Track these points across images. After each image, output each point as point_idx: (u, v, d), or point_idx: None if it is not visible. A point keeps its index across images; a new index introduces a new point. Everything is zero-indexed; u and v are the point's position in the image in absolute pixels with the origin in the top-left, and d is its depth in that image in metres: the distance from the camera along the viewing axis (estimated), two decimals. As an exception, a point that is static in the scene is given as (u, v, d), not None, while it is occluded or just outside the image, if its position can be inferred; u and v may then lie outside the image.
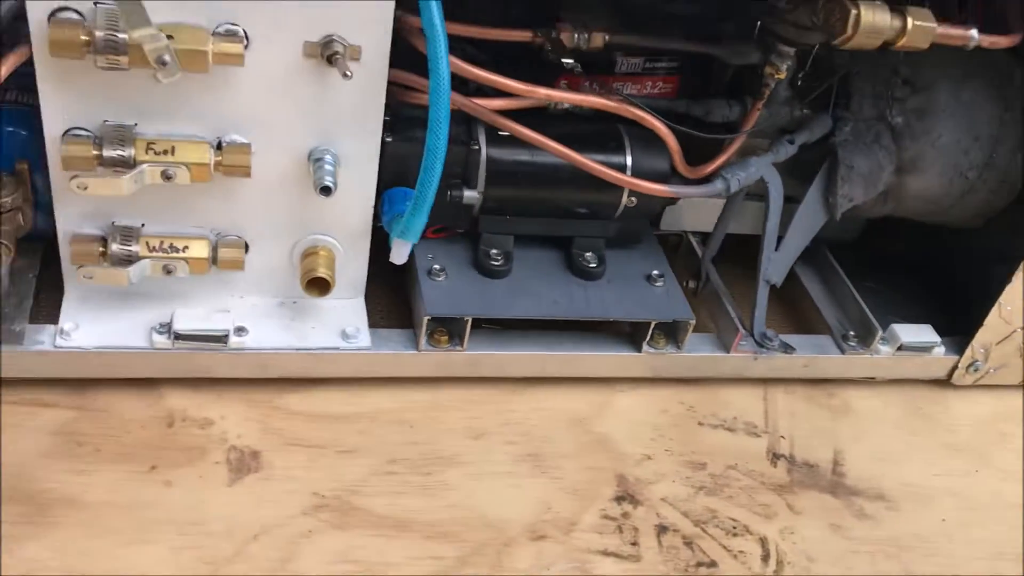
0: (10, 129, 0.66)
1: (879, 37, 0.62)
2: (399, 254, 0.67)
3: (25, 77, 0.60)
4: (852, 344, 0.82)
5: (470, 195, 0.72)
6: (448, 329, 0.73)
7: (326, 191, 0.64)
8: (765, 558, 0.69)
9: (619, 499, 0.71)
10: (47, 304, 0.70)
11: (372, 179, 0.68)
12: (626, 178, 0.70)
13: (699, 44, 0.75)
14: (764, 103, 0.75)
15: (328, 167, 0.65)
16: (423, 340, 0.72)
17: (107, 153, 0.61)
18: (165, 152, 0.62)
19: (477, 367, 0.74)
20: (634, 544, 0.68)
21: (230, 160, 0.63)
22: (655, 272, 0.78)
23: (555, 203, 0.75)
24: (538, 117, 0.72)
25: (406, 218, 0.64)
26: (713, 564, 0.68)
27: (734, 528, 0.71)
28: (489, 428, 0.74)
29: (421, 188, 0.62)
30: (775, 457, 0.77)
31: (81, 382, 0.69)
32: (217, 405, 0.70)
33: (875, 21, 0.61)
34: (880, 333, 0.81)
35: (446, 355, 0.73)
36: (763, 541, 0.70)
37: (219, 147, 0.63)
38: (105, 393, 0.69)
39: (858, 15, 0.61)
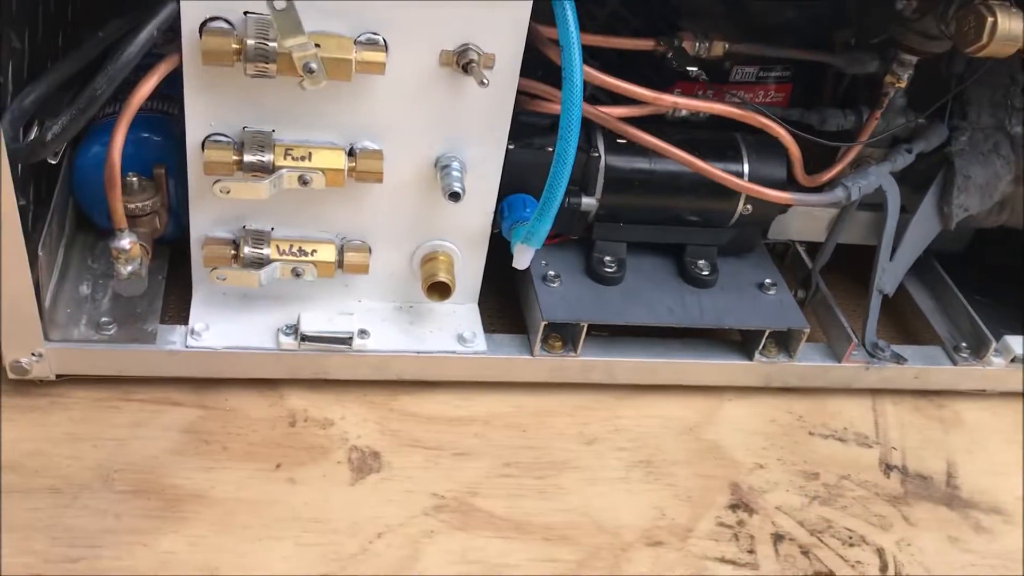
0: (148, 135, 0.68)
1: (1014, 45, 0.61)
2: (522, 259, 0.67)
3: (162, 84, 0.62)
4: (964, 356, 0.81)
5: (587, 202, 0.73)
6: (561, 335, 0.74)
7: (455, 197, 0.65)
8: (883, 569, 0.69)
9: (733, 507, 0.71)
10: (175, 305, 0.72)
11: (495, 186, 0.69)
12: (748, 185, 0.70)
13: (817, 53, 0.74)
14: (882, 112, 0.74)
15: (456, 173, 0.66)
16: (537, 345, 0.73)
17: (247, 158, 0.62)
18: (303, 158, 0.63)
19: (589, 373, 0.75)
20: (751, 552, 0.68)
21: (364, 167, 0.64)
22: (767, 280, 0.78)
23: (670, 211, 0.75)
24: (655, 125, 0.72)
25: (531, 224, 0.65)
26: (831, 574, 0.67)
27: (850, 538, 0.70)
28: (600, 434, 0.74)
29: (548, 194, 0.63)
30: (888, 468, 0.76)
31: (206, 381, 0.70)
32: (337, 406, 0.72)
33: (1011, 28, 0.61)
34: (994, 344, 0.80)
35: (560, 360, 0.73)
36: (880, 552, 0.70)
37: (351, 153, 0.65)
38: (230, 392, 0.71)
39: (995, 22, 0.60)
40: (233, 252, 0.67)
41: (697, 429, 0.76)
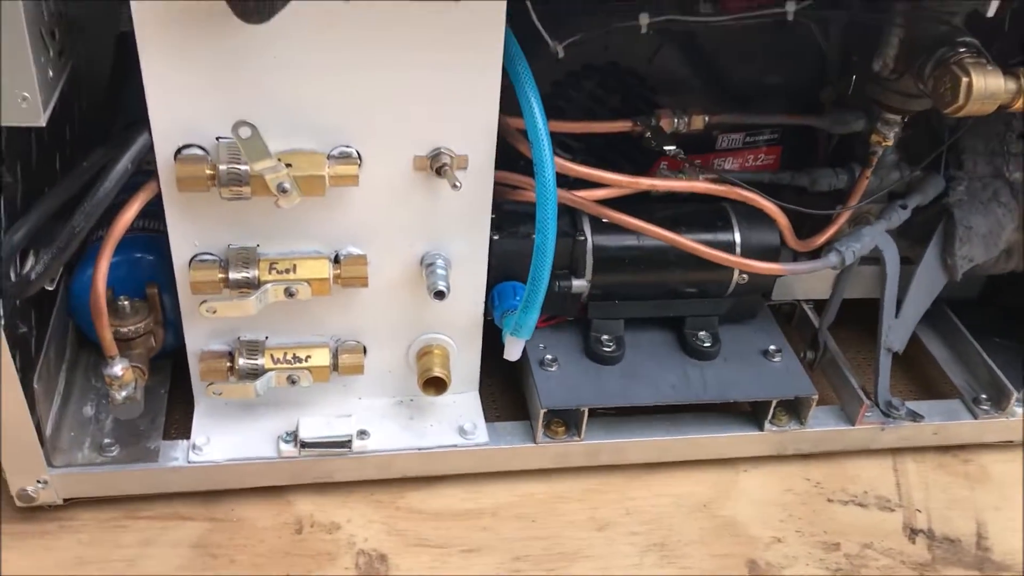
0: (139, 255, 0.70)
1: (993, 102, 0.60)
2: (513, 351, 0.67)
3: (149, 203, 0.63)
4: (985, 408, 0.78)
5: (578, 284, 0.72)
6: (564, 419, 0.73)
7: (440, 296, 0.65)
8: (913, 645, 0.66)
9: (752, 587, 0.69)
10: (180, 417, 0.72)
11: (482, 277, 0.69)
12: (737, 259, 0.70)
13: (800, 116, 0.74)
14: (872, 170, 0.73)
15: (440, 271, 0.66)
16: (540, 432, 0.72)
17: (233, 276, 0.63)
18: (287, 271, 0.64)
19: (596, 456, 0.74)
20: (772, 635, 0.66)
21: (348, 272, 0.65)
22: (772, 347, 0.76)
23: (664, 285, 0.75)
24: (641, 200, 0.72)
25: (518, 316, 0.65)
26: (857, 654, 0.65)
27: (876, 613, 0.68)
28: (612, 518, 0.73)
29: (532, 286, 0.63)
30: (913, 533, 0.74)
31: (212, 493, 0.71)
32: (343, 508, 0.71)
33: (988, 87, 0.59)
34: (1016, 395, 0.77)
35: (564, 446, 0.73)
36: (909, 626, 0.67)
37: (336, 260, 0.65)
38: (236, 503, 0.71)
39: (970, 83, 0.59)
40: (229, 364, 0.68)
41: (711, 505, 0.74)
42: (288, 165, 0.59)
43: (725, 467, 0.77)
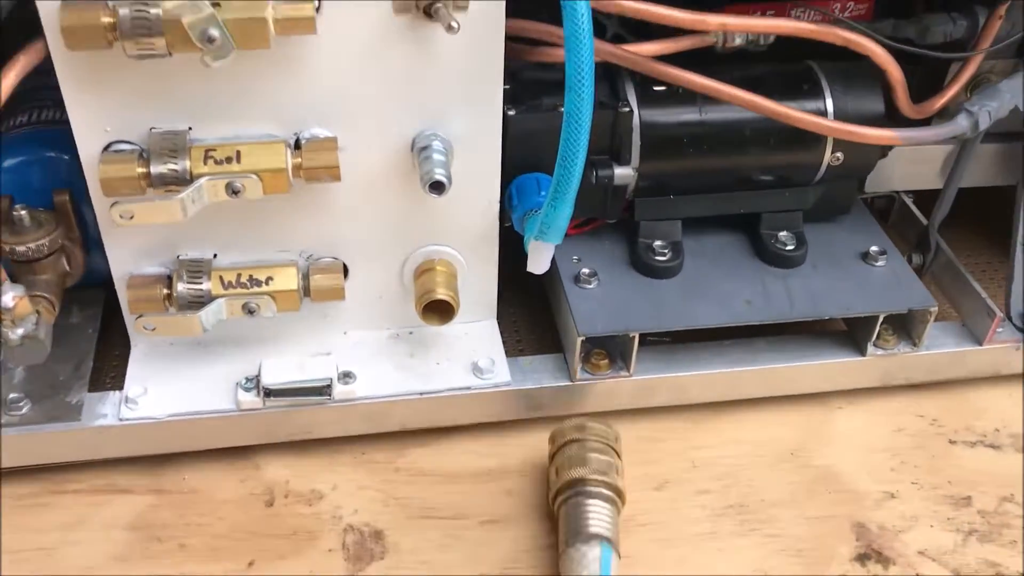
0: (44, 154, 0.53)
1: None
2: (539, 261, 0.50)
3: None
4: None
5: (622, 173, 0.55)
6: (608, 349, 0.56)
7: (437, 188, 0.48)
8: (1082, 631, 0.50)
9: (862, 558, 0.53)
10: (117, 363, 0.56)
11: (495, 166, 0.52)
12: (838, 125, 0.52)
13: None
14: (1007, 6, 0.55)
15: (438, 156, 0.49)
16: (578, 368, 0.55)
17: (156, 169, 0.47)
18: (228, 159, 0.47)
19: (650, 395, 0.57)
20: (894, 623, 0.50)
21: (313, 161, 0.48)
22: (873, 248, 0.59)
23: (735, 172, 0.57)
24: (701, 63, 0.54)
25: (545, 212, 0.48)
26: (1009, 645, 0.49)
27: (1029, 589, 0.52)
28: (674, 473, 0.57)
29: (563, 170, 0.46)
30: (1064, 481, 0.57)
31: (159, 458, 0.55)
32: (327, 472, 0.56)
33: None
34: None
35: (609, 384, 0.56)
36: (1074, 606, 0.51)
37: (297, 145, 0.49)
38: (189, 469, 0.55)
39: None
40: (166, 291, 0.51)
41: (801, 453, 0.58)
42: (216, 5, 0.42)
43: (816, 404, 0.61)
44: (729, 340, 0.58)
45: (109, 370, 0.56)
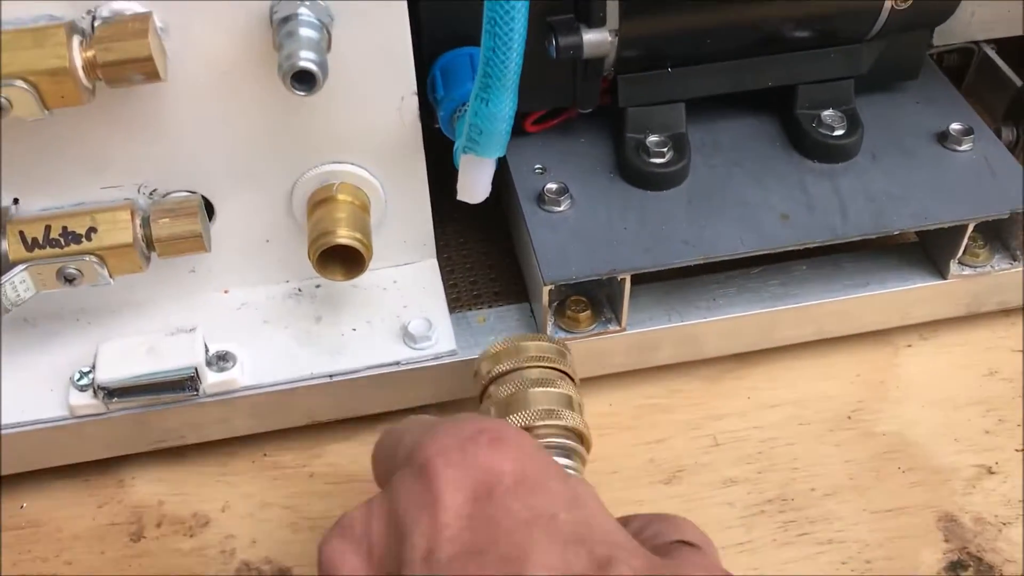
0: None
1: None
2: (472, 184, 0.34)
3: None
4: None
5: (595, 39, 0.37)
6: (589, 296, 0.40)
7: (304, 80, 0.31)
8: None
9: (955, 567, 0.38)
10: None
11: (404, 41, 0.35)
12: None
13: None
14: None
15: (306, 33, 0.32)
16: (549, 324, 0.40)
17: None
18: (-22, 59, 0.31)
19: (651, 352, 0.42)
20: (1004, 657, 0.36)
21: (112, 52, 0.31)
22: (954, 127, 0.42)
23: (759, 28, 0.40)
24: None
25: (473, 110, 0.31)
26: None
27: None
28: (689, 456, 0.41)
29: (494, 39, 0.29)
30: None
31: (-12, 479, 0.40)
32: (214, 486, 0.41)
33: None
34: None
35: (595, 343, 0.40)
36: None
37: (93, 29, 0.32)
38: (29, 492, 0.41)
39: None
40: (-54, 259, 0.36)
41: (861, 416, 0.43)
42: None
43: (878, 344, 0.45)
44: (757, 267, 0.42)
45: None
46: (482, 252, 0.45)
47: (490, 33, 0.29)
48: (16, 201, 0.37)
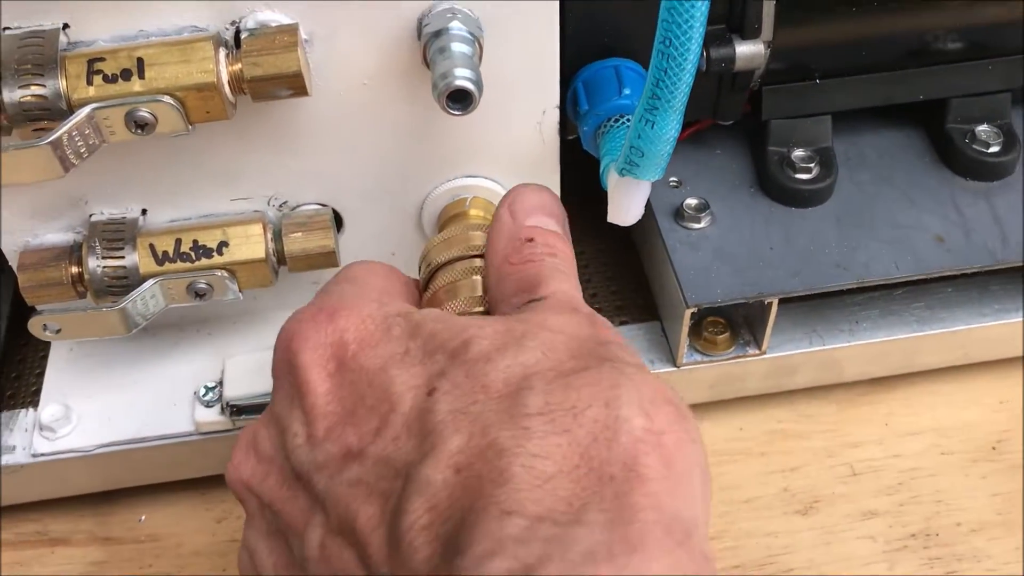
0: None
1: None
2: (627, 206, 0.32)
3: None
4: None
5: (749, 51, 0.36)
6: (727, 317, 0.39)
7: (461, 99, 0.30)
8: None
9: (1115, 613, 0.36)
10: (43, 370, 0.40)
11: (552, 54, 0.33)
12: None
13: None
14: None
15: (459, 49, 0.30)
16: (683, 346, 0.38)
17: (9, 96, 0.29)
18: (125, 73, 0.30)
19: (788, 377, 0.40)
20: None
21: (260, 67, 0.30)
22: (1123, 144, 0.40)
23: (913, 39, 0.38)
24: None
25: (635, 132, 0.29)
26: None
27: None
28: (825, 486, 0.40)
29: (668, 60, 0.27)
30: None
31: (106, 492, 0.40)
32: (337, 501, 0.40)
33: None
34: None
35: (731, 367, 0.39)
36: None
37: (237, 43, 0.31)
38: (148, 504, 0.40)
39: None
40: (75, 269, 0.35)
41: (1007, 446, 0.41)
42: None
43: (1019, 369, 0.43)
44: (900, 289, 0.40)
45: (31, 379, 0.40)
46: (602, 263, 0.44)
47: (663, 54, 0.27)
48: (144, 212, 0.36)
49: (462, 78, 0.29)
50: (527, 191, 0.30)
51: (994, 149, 0.39)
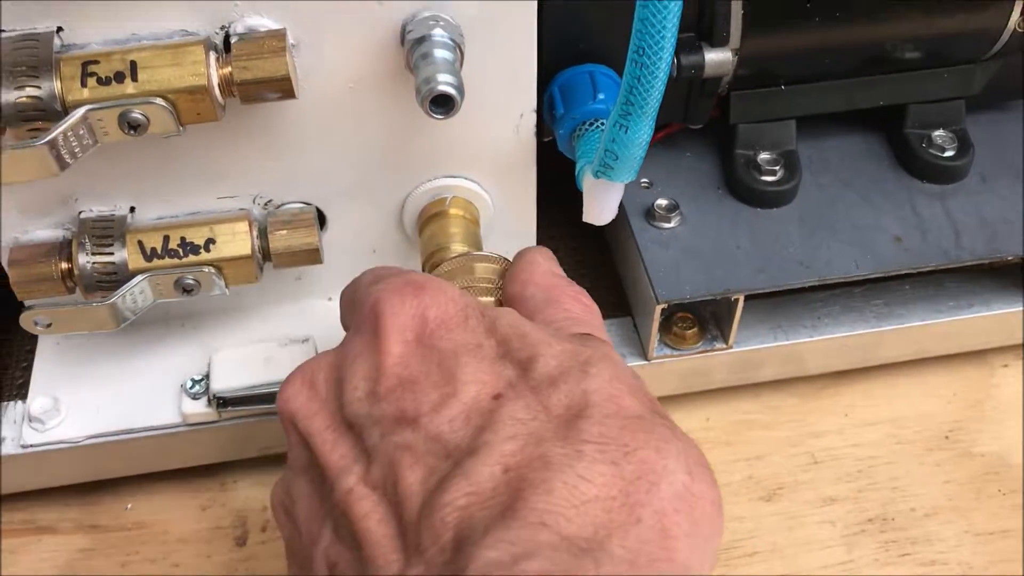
0: None
1: None
2: (601, 207, 0.34)
3: None
4: None
5: (717, 59, 0.37)
6: (695, 313, 0.40)
7: (443, 104, 0.31)
8: None
9: (1059, 594, 0.38)
10: (29, 362, 0.41)
11: (529, 58, 0.35)
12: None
13: None
14: None
15: (441, 54, 0.32)
16: (654, 341, 0.40)
17: (5, 97, 0.30)
18: (119, 76, 0.31)
19: (754, 371, 0.42)
20: None
21: (250, 70, 0.31)
22: (1067, 149, 0.42)
23: (875, 47, 0.39)
24: None
25: (609, 135, 0.31)
26: None
27: None
28: (788, 474, 0.42)
29: (641, 67, 0.29)
30: None
31: (93, 482, 0.41)
32: (319, 490, 0.41)
33: None
34: None
35: (699, 361, 0.40)
36: None
37: (225, 47, 0.32)
38: (134, 493, 0.41)
39: None
40: (65, 266, 0.36)
41: (959, 435, 0.43)
42: None
43: (972, 363, 0.45)
44: (860, 287, 0.42)
45: (16, 372, 0.41)
46: (576, 261, 0.45)
47: (636, 62, 0.29)
48: (133, 210, 0.37)
49: (445, 83, 0.31)
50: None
51: (949, 153, 0.41)
